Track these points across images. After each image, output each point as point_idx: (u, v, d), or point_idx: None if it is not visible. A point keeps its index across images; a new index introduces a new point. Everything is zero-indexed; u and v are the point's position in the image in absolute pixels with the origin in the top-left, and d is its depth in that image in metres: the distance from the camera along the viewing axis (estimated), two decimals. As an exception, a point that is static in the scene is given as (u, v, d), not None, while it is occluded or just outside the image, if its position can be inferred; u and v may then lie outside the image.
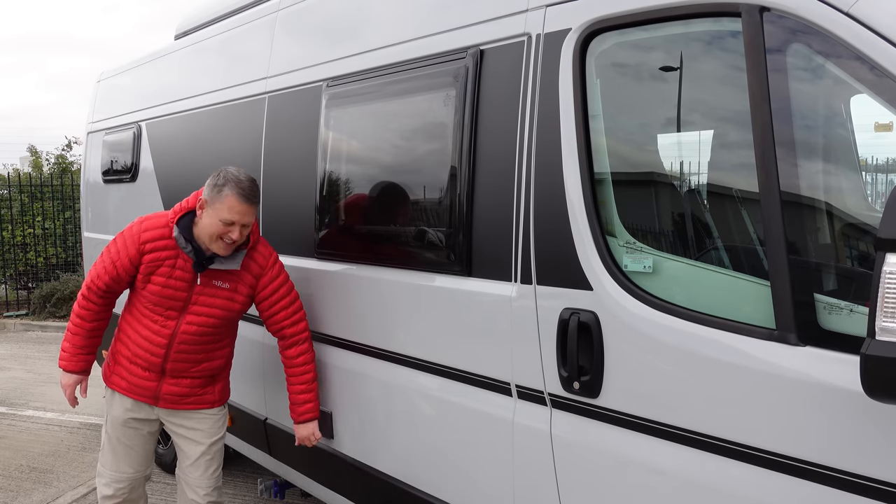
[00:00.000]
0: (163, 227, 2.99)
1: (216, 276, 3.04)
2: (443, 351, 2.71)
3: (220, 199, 2.87)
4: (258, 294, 3.14)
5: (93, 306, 3.09)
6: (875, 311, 1.51)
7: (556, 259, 2.30)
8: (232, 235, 2.90)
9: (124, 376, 3.14)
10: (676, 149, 2.23)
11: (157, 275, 2.97)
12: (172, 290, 2.99)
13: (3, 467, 5.35)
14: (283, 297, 3.17)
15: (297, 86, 3.51)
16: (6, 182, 12.59)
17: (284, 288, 3.18)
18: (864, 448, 1.69)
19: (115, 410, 3.19)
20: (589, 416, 2.25)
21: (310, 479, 3.61)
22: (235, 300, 3.09)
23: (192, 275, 3.00)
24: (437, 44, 2.75)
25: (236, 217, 2.87)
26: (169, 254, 2.97)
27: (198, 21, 4.88)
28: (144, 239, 2.97)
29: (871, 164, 2.43)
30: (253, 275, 3.11)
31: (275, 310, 3.16)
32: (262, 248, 3.16)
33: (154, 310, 3.03)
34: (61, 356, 3.18)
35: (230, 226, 2.89)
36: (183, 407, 3.19)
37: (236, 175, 2.92)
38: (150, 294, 3.01)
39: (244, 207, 2.88)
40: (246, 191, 2.89)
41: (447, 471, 2.75)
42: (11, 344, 10.04)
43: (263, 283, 3.12)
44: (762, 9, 1.87)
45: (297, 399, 3.22)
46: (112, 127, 5.54)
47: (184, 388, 3.16)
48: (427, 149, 2.78)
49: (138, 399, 3.15)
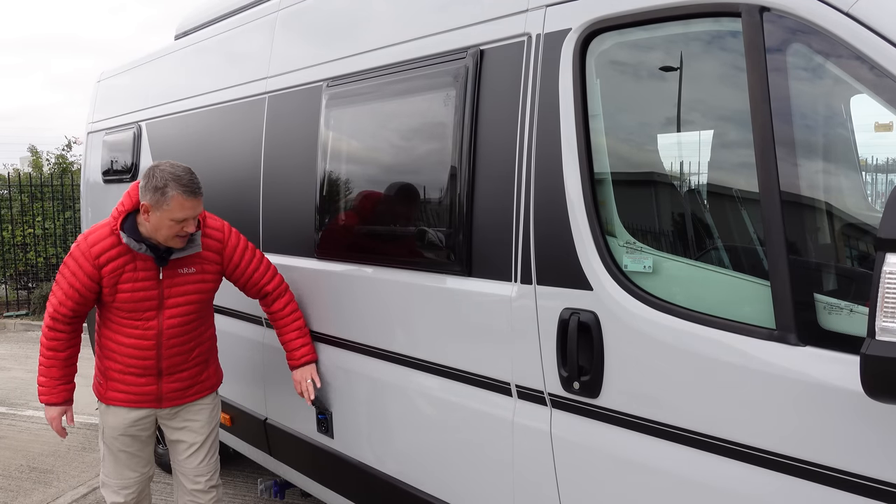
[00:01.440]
0: (108, 235, 2.95)
1: (180, 265, 3.03)
2: (443, 351, 2.71)
3: (166, 201, 2.83)
4: (227, 266, 3.15)
5: (62, 335, 3.03)
6: (875, 311, 1.51)
7: (556, 259, 2.30)
8: (187, 229, 2.90)
9: (121, 389, 3.11)
10: (676, 149, 2.23)
11: (121, 282, 2.94)
12: (143, 292, 2.97)
13: (3, 467, 5.35)
14: (251, 259, 3.20)
15: (298, 86, 3.51)
16: (6, 182, 12.59)
17: (248, 251, 3.20)
18: (864, 448, 1.69)
19: (111, 421, 3.16)
20: (589, 416, 2.25)
21: (310, 479, 3.61)
22: (206, 280, 3.10)
23: (155, 271, 2.98)
24: (437, 44, 2.75)
25: (188, 213, 2.86)
26: (125, 259, 2.94)
27: (198, 21, 4.88)
28: (95, 253, 2.92)
29: (871, 164, 2.43)
30: (214, 251, 3.11)
31: (248, 273, 3.20)
32: (212, 221, 3.15)
33: (131, 315, 3.00)
34: (40, 391, 3.09)
35: (183, 222, 2.88)
36: (187, 400, 3.21)
37: (173, 172, 2.85)
38: (121, 303, 2.97)
39: (193, 202, 2.86)
40: (190, 186, 2.86)
41: (447, 471, 2.75)
42: (11, 344, 10.04)
43: (228, 255, 3.14)
44: (762, 9, 1.87)
45: (293, 345, 3.24)
46: (112, 127, 5.54)
47: (184, 382, 3.17)
48: (427, 149, 2.78)
49: (142, 406, 3.14)
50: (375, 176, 3.05)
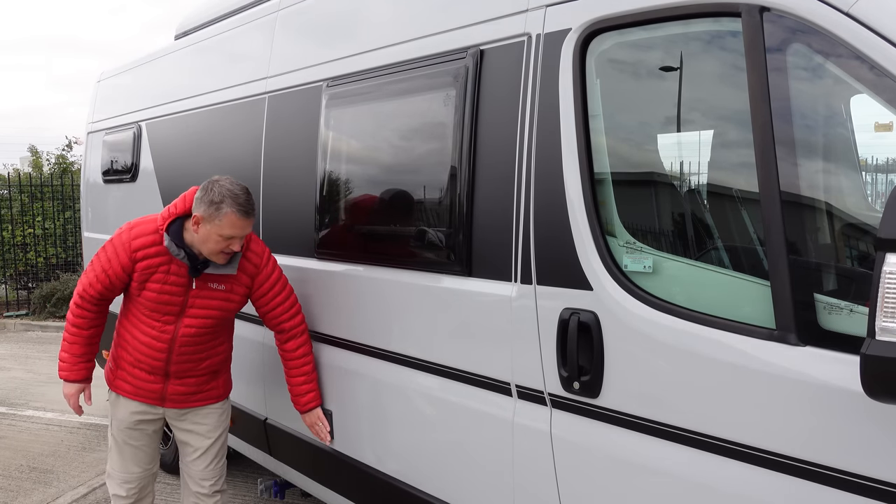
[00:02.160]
0: (152, 233, 2.97)
1: (212, 279, 3.04)
2: (443, 351, 2.71)
3: (220, 217, 2.84)
4: (255, 292, 3.15)
5: (87, 314, 3.08)
6: (875, 310, 1.51)
7: (556, 259, 2.30)
8: (233, 248, 2.91)
9: (129, 380, 3.15)
10: (676, 149, 2.23)
11: (151, 281, 2.97)
12: (168, 296, 2.99)
13: (3, 467, 5.35)
14: (280, 292, 3.18)
15: (298, 86, 3.51)
16: (6, 182, 12.59)
17: (280, 283, 3.19)
18: (864, 448, 1.69)
19: (120, 413, 3.20)
20: (589, 416, 2.25)
21: (310, 479, 3.61)
22: (232, 300, 3.10)
23: (187, 279, 2.99)
24: (437, 44, 2.75)
25: (238, 232, 2.88)
26: (162, 260, 2.95)
27: (198, 21, 4.88)
28: (135, 247, 2.95)
29: (871, 164, 2.43)
30: (248, 274, 3.11)
31: (272, 305, 3.18)
32: (255, 245, 3.15)
33: (151, 315, 3.03)
34: (61, 367, 3.14)
35: (230, 239, 2.89)
36: (190, 405, 3.22)
37: (231, 189, 2.88)
38: (146, 300, 3.01)
39: (245, 223, 2.89)
40: (245, 206, 2.88)
41: (447, 471, 2.75)
42: (11, 344, 10.04)
43: (259, 281, 3.13)
44: (762, 9, 1.87)
45: (299, 390, 3.25)
46: (112, 127, 5.54)
47: (190, 388, 3.19)
48: (427, 149, 2.78)
49: (145, 401, 3.17)
50: (375, 176, 3.05)
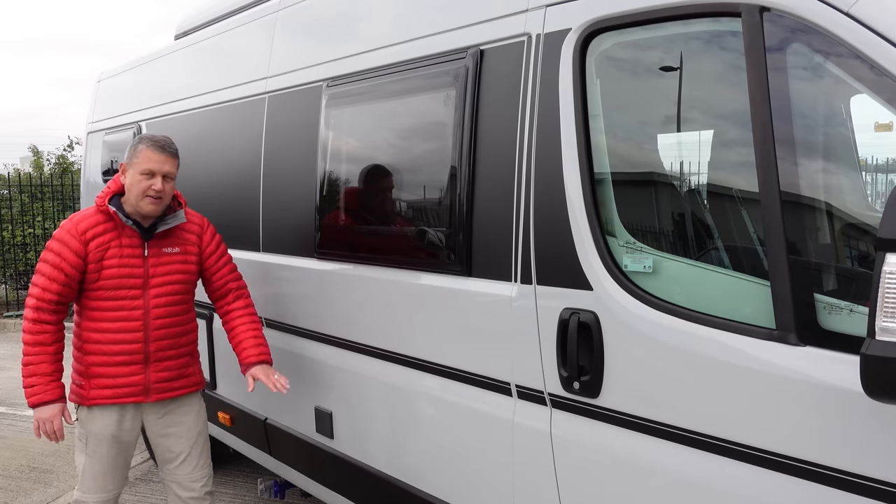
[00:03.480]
0: (94, 214, 3.03)
1: (164, 244, 3.10)
2: (443, 351, 2.71)
3: (137, 155, 3.00)
4: (205, 251, 3.24)
5: (49, 326, 3.00)
6: (875, 311, 1.51)
7: (555, 259, 2.30)
8: (155, 186, 2.96)
9: (106, 384, 3.03)
10: (676, 149, 2.23)
11: (108, 258, 2.98)
12: (129, 268, 3.01)
13: (4, 467, 5.35)
14: (224, 253, 3.32)
15: (298, 86, 3.51)
16: (6, 182, 12.60)
17: (223, 246, 3.33)
18: (864, 448, 1.69)
19: (96, 428, 3.09)
20: (589, 416, 2.25)
21: (310, 479, 3.61)
22: (189, 261, 3.17)
23: (141, 248, 3.04)
24: (437, 44, 2.75)
25: (154, 166, 2.97)
26: (112, 234, 3.00)
27: (198, 21, 4.88)
28: (82, 229, 2.97)
29: (871, 164, 2.43)
30: (195, 234, 3.22)
31: (220, 264, 3.29)
32: (194, 216, 3.27)
33: (117, 294, 3.00)
34: (30, 393, 2.98)
35: (152, 177, 2.96)
36: (174, 394, 3.15)
37: (150, 134, 3.09)
38: (108, 279, 2.99)
39: (160, 156, 2.99)
40: (160, 142, 3.02)
41: (447, 471, 2.75)
42: (11, 344, 10.03)
43: (206, 240, 3.25)
44: (762, 9, 1.87)
45: (253, 342, 3.24)
46: (112, 127, 5.55)
47: (172, 372, 3.13)
48: (427, 149, 2.78)
49: (128, 401, 3.07)
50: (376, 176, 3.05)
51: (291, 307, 3.56)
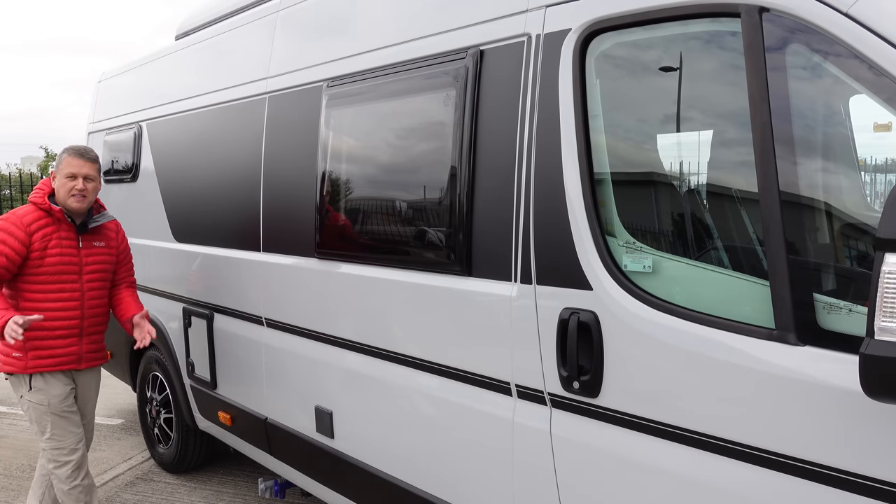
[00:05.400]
0: (33, 210, 3.57)
1: (93, 238, 3.73)
2: (443, 351, 2.72)
3: (61, 162, 3.63)
4: (119, 246, 3.90)
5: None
6: (874, 310, 1.51)
7: (555, 259, 2.30)
8: (77, 186, 3.56)
9: (45, 354, 3.57)
10: (676, 149, 2.23)
11: (50, 248, 3.54)
12: (68, 257, 3.60)
13: (5, 467, 5.36)
14: (129, 250, 4.00)
15: (298, 86, 3.52)
16: (7, 181, 12.61)
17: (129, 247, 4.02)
18: (864, 448, 1.69)
19: (54, 389, 3.61)
20: (589, 415, 2.25)
21: (310, 478, 3.62)
22: (111, 254, 3.82)
23: (75, 241, 3.64)
24: (438, 44, 2.75)
25: (75, 169, 3.57)
26: (53, 229, 3.56)
27: (198, 21, 4.89)
28: (27, 222, 3.51)
29: (871, 164, 2.44)
30: (113, 231, 3.89)
31: (126, 259, 3.98)
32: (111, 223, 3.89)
33: (57, 279, 3.56)
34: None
35: (74, 179, 3.56)
36: (97, 363, 3.82)
37: (72, 144, 3.70)
38: (51, 266, 3.54)
39: (78, 161, 3.59)
40: (78, 149, 3.65)
41: (447, 470, 2.76)
42: (12, 344, 10.03)
43: (120, 239, 3.95)
44: (761, 9, 1.88)
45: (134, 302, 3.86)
46: (113, 127, 5.55)
47: (96, 345, 3.79)
48: (427, 149, 2.79)
49: (64, 368, 3.63)
50: (376, 176, 3.06)
51: (291, 307, 3.56)
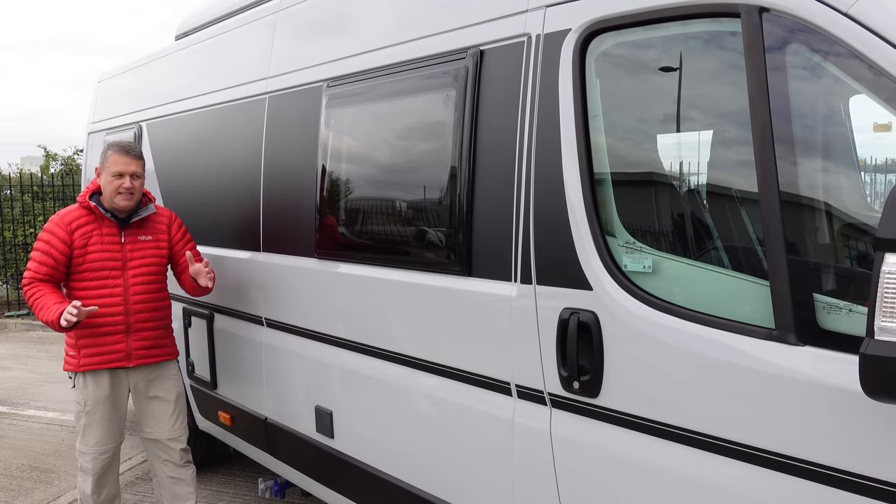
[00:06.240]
0: (76, 209, 3.56)
1: (138, 233, 3.63)
2: (443, 351, 2.72)
3: (107, 159, 3.53)
4: (174, 237, 3.76)
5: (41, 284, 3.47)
6: (874, 310, 1.51)
7: (555, 259, 2.30)
8: (124, 185, 3.49)
9: (94, 351, 3.51)
10: (676, 149, 2.23)
11: (91, 244, 3.51)
12: (110, 252, 3.54)
13: (5, 466, 5.36)
14: (190, 240, 3.83)
15: (298, 86, 3.52)
16: (8, 182, 12.60)
17: (189, 234, 3.85)
18: (864, 447, 1.69)
19: (95, 392, 3.54)
20: (589, 415, 2.25)
21: (310, 478, 3.62)
22: (160, 247, 3.69)
23: (119, 236, 3.57)
24: (438, 44, 2.75)
25: (122, 168, 3.49)
26: (93, 225, 3.53)
27: (198, 21, 4.89)
28: (68, 221, 3.50)
29: (871, 164, 2.44)
30: (164, 224, 3.75)
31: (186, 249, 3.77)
32: (162, 210, 3.80)
33: (99, 275, 3.50)
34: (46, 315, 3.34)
35: (121, 178, 3.48)
36: (151, 360, 3.64)
37: (117, 140, 3.68)
38: (92, 262, 3.49)
39: (125, 159, 3.50)
40: (125, 146, 3.56)
41: (447, 470, 2.76)
42: (12, 343, 10.05)
43: (175, 229, 3.78)
44: (761, 9, 1.88)
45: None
46: (113, 127, 5.55)
47: (149, 342, 3.62)
48: (427, 149, 2.79)
49: (113, 366, 3.54)
50: (376, 176, 3.06)
51: (291, 307, 3.56)
